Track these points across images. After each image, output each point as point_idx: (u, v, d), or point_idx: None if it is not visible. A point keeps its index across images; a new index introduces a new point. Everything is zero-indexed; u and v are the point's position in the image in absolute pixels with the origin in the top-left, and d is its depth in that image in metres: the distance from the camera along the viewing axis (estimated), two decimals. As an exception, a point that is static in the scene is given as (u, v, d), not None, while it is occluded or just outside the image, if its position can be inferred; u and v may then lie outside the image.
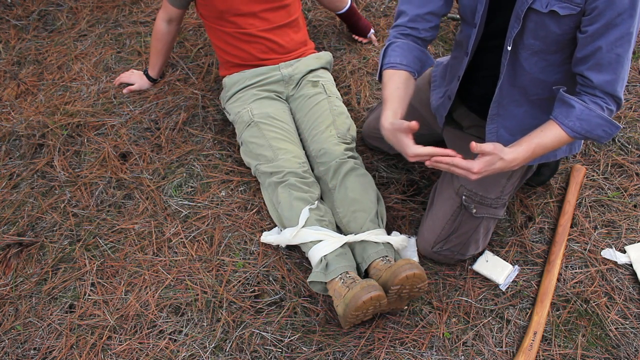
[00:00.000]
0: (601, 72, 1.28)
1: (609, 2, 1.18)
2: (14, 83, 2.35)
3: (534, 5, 1.26)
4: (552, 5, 1.24)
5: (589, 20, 1.22)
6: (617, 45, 1.24)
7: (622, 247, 1.77)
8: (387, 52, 1.50)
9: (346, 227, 1.72)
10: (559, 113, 1.35)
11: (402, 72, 1.47)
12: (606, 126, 1.33)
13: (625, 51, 1.25)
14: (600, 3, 1.18)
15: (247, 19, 1.91)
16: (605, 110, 1.32)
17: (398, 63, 1.47)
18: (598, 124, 1.33)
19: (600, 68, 1.27)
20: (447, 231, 1.64)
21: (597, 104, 1.32)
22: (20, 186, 2.01)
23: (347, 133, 1.87)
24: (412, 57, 1.48)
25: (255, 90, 1.97)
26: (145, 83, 2.26)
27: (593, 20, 1.22)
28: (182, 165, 2.02)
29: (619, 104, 1.34)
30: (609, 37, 1.23)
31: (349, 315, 1.48)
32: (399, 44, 1.49)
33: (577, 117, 1.32)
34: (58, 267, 1.79)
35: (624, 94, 2.07)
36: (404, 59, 1.47)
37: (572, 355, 1.57)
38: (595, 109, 1.31)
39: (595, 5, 1.19)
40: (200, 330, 1.64)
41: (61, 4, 2.67)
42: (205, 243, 1.82)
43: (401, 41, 1.49)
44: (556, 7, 1.24)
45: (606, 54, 1.25)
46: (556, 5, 1.24)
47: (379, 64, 1.51)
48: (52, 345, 1.63)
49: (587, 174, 1.95)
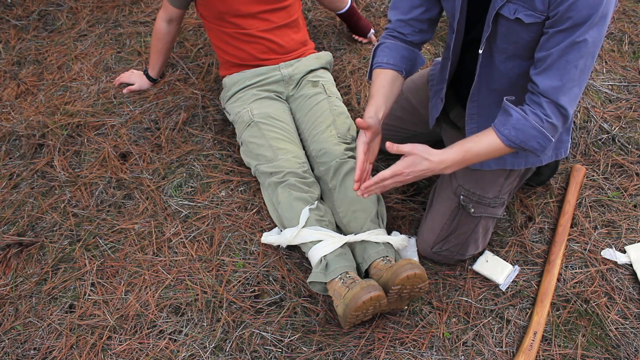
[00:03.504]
0: (548, 77, 1.26)
1: (569, 10, 1.17)
2: (14, 83, 2.35)
3: (501, 11, 1.28)
4: (518, 12, 1.25)
5: (549, 24, 1.23)
6: (568, 52, 1.22)
7: (622, 247, 1.77)
8: (376, 53, 1.55)
9: (346, 227, 1.72)
10: (497, 120, 1.35)
11: (389, 71, 1.52)
12: (540, 138, 1.31)
13: (576, 59, 1.22)
14: (561, 10, 1.18)
15: (247, 19, 1.91)
16: (544, 122, 1.29)
17: (385, 62, 1.52)
18: (533, 135, 1.31)
19: (548, 73, 1.26)
20: (445, 231, 1.64)
21: (537, 115, 1.29)
22: (20, 186, 2.01)
23: (347, 133, 1.87)
24: (399, 56, 1.52)
25: (255, 90, 1.97)
26: (145, 83, 2.26)
27: (552, 24, 1.22)
28: (182, 165, 2.02)
29: (565, 116, 1.30)
30: (563, 44, 1.22)
31: (348, 316, 1.48)
32: (387, 44, 1.53)
33: (513, 125, 1.31)
34: (58, 267, 1.79)
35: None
36: (391, 58, 1.52)
37: (572, 355, 1.57)
38: (532, 119, 1.29)
39: (556, 11, 1.20)
40: (200, 330, 1.64)
41: (61, 4, 2.67)
42: (205, 243, 1.82)
43: (389, 42, 1.53)
44: (521, 15, 1.25)
45: (556, 59, 1.24)
46: (521, 13, 1.25)
47: (369, 65, 1.56)
48: (52, 345, 1.63)
49: (587, 174, 1.95)
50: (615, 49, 2.36)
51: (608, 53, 2.34)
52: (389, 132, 1.92)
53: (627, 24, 2.46)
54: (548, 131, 1.31)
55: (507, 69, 1.38)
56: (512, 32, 1.30)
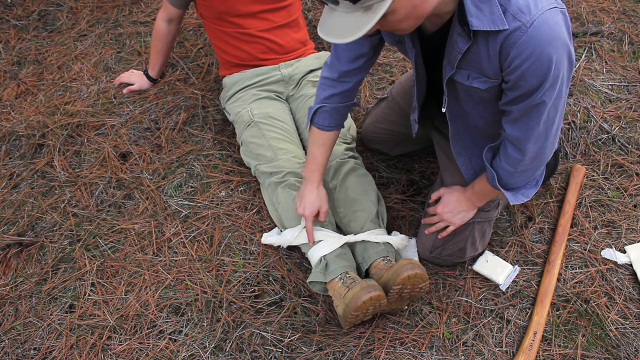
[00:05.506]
0: (514, 128, 1.30)
1: (520, 79, 1.18)
2: (14, 83, 2.35)
3: (455, 78, 1.29)
4: (472, 80, 1.27)
5: (505, 87, 1.24)
6: (529, 112, 1.24)
7: (622, 247, 1.77)
8: (316, 113, 1.61)
9: (347, 227, 1.72)
10: (486, 173, 1.48)
11: (330, 134, 1.62)
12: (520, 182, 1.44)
13: (537, 117, 1.24)
14: (512, 78, 1.19)
15: (246, 19, 1.91)
16: (516, 168, 1.38)
17: (327, 126, 1.60)
18: (515, 181, 1.43)
19: (514, 125, 1.30)
20: (442, 239, 1.65)
21: (507, 163, 1.38)
22: (20, 186, 2.01)
23: (347, 133, 1.87)
24: (340, 117, 1.61)
25: (255, 90, 1.97)
26: (145, 83, 2.26)
27: (509, 88, 1.23)
28: (182, 165, 2.02)
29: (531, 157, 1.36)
30: (522, 104, 1.23)
31: (348, 316, 1.48)
32: (328, 110, 1.59)
33: (491, 180, 1.44)
34: (58, 267, 1.79)
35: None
36: (332, 121, 1.60)
37: (572, 355, 1.57)
38: (502, 172, 1.41)
39: (509, 78, 1.20)
40: (200, 330, 1.64)
41: (61, 4, 2.67)
42: (205, 243, 1.82)
43: (330, 107, 1.58)
44: (475, 84, 1.27)
45: (519, 117, 1.27)
46: (475, 80, 1.27)
47: (309, 117, 1.63)
48: (52, 345, 1.63)
49: (587, 174, 1.95)
50: (615, 49, 2.36)
51: (608, 53, 2.34)
52: (383, 135, 1.92)
53: (627, 24, 2.46)
54: (524, 174, 1.40)
55: (480, 112, 1.40)
56: (470, 92, 1.32)
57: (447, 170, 1.66)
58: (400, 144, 1.95)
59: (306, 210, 1.61)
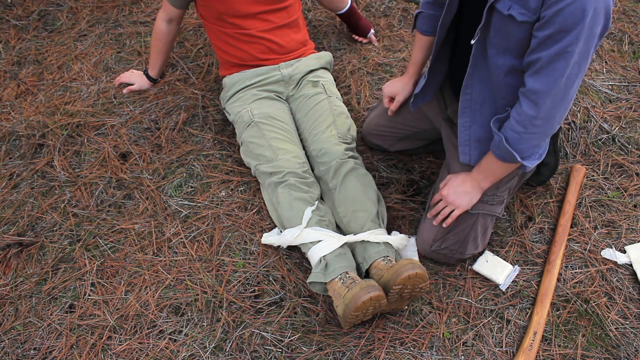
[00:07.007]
0: (536, 80, 1.30)
1: (556, 15, 1.19)
2: (14, 83, 2.35)
3: (496, 5, 1.30)
4: (512, 9, 1.27)
5: (539, 26, 1.25)
6: (556, 60, 1.25)
7: (622, 247, 1.77)
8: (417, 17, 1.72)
9: (347, 227, 1.72)
10: (492, 142, 1.49)
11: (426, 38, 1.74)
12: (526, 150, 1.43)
13: (563, 68, 1.25)
14: (549, 13, 1.20)
15: (247, 20, 1.91)
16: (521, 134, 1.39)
17: (424, 30, 1.72)
18: (517, 149, 1.43)
19: (537, 77, 1.30)
20: (444, 229, 1.64)
21: (514, 124, 1.38)
22: (20, 186, 2.01)
23: (347, 133, 1.87)
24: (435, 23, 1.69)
25: (255, 90, 1.97)
26: (145, 83, 2.26)
27: (541, 27, 1.24)
28: (182, 165, 2.02)
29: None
30: (551, 49, 1.24)
31: (348, 316, 1.48)
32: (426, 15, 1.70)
33: (497, 146, 1.44)
34: (58, 267, 1.79)
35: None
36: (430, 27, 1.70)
37: (572, 355, 1.57)
38: (511, 136, 1.41)
39: (545, 14, 1.21)
40: (200, 330, 1.64)
41: (61, 4, 2.67)
42: (205, 243, 1.82)
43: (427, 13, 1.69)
44: (514, 12, 1.27)
45: (545, 64, 1.27)
46: (515, 10, 1.27)
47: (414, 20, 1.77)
48: (52, 345, 1.63)
49: (587, 174, 1.95)
50: (615, 49, 2.36)
51: (608, 53, 2.34)
52: (391, 129, 1.92)
53: (627, 24, 2.46)
54: (532, 138, 1.39)
55: (498, 65, 1.40)
56: (504, 27, 1.32)
57: (454, 160, 1.66)
58: (400, 141, 1.95)
59: (386, 88, 1.84)
